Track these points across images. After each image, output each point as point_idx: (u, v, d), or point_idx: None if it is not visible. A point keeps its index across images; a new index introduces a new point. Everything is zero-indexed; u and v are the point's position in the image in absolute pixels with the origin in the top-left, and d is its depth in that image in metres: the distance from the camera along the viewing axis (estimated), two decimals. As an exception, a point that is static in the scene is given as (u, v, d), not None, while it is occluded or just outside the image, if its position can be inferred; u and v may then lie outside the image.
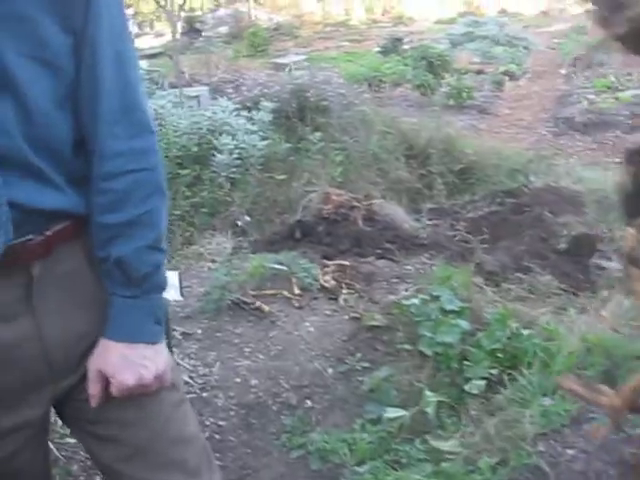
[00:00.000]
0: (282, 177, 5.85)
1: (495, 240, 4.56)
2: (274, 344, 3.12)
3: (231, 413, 2.78)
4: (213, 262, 4.03)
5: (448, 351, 2.91)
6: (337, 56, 15.20)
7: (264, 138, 6.03)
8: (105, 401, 1.26)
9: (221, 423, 2.73)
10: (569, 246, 4.44)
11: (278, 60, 13.09)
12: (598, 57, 13.48)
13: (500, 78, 12.22)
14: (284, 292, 3.43)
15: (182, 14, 13.56)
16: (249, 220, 5.25)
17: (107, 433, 1.31)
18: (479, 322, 3.10)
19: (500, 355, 2.87)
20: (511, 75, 12.70)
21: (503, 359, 2.86)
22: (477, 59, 14.18)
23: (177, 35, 10.25)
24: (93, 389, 1.26)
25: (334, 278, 3.62)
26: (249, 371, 2.96)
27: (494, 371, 2.81)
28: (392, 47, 13.82)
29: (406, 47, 13.81)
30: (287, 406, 2.84)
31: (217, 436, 2.67)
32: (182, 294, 3.25)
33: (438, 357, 2.92)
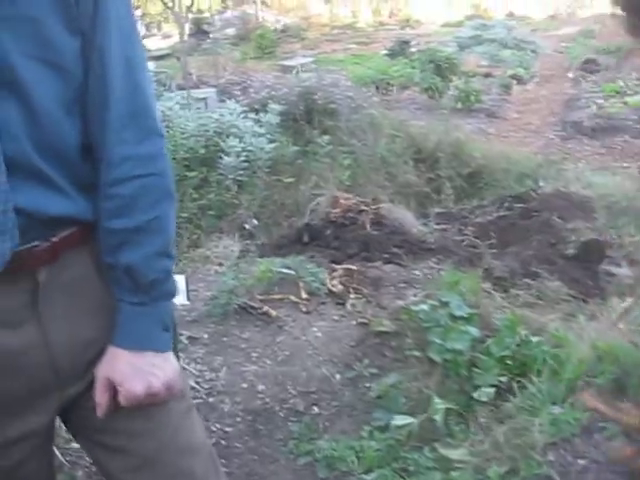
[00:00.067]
0: (290, 180, 5.83)
1: (503, 245, 4.53)
2: (281, 349, 3.10)
3: (237, 419, 2.75)
4: (220, 265, 4.01)
5: (457, 358, 2.89)
6: (344, 58, 15.21)
7: (272, 141, 6.01)
8: (112, 410, 1.24)
9: (227, 429, 2.71)
10: (578, 252, 4.41)
11: (285, 62, 13.10)
12: (606, 61, 13.46)
13: (508, 81, 12.20)
14: (291, 297, 3.41)
15: (189, 16, 13.59)
16: (257, 223, 5.23)
17: (115, 443, 1.28)
18: (488, 328, 3.08)
19: (509, 362, 2.84)
20: (519, 79, 12.67)
21: (512, 366, 2.83)
22: (485, 62, 14.17)
23: (185, 37, 10.25)
24: (100, 398, 1.23)
25: (342, 283, 3.59)
26: (256, 376, 2.94)
27: (503, 378, 2.78)
28: (399, 50, 13.81)
29: (413, 50, 13.80)
30: (294, 412, 2.82)
31: (223, 442, 2.65)
32: (189, 298, 3.24)
33: (447, 364, 2.90)
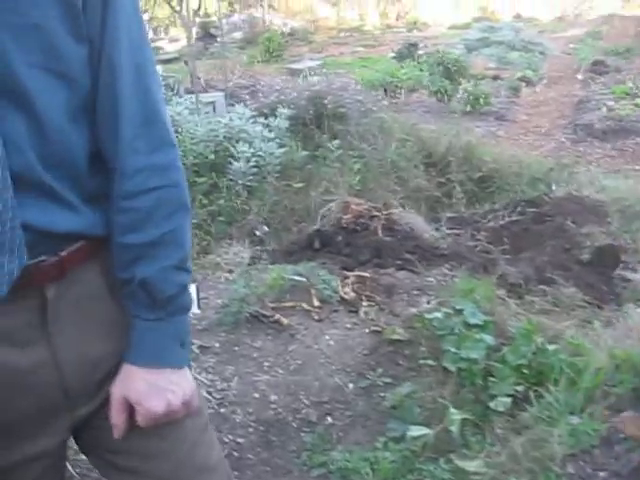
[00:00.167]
0: (300, 185, 5.79)
1: (517, 250, 4.48)
2: (293, 358, 3.07)
3: (250, 430, 2.71)
4: (230, 272, 3.98)
5: (472, 367, 2.84)
6: (352, 61, 15.19)
7: (281, 145, 5.98)
8: (129, 431, 1.19)
9: (240, 440, 2.67)
10: (593, 257, 4.35)
11: (293, 65, 13.09)
12: (615, 63, 13.40)
13: (517, 84, 12.13)
14: (303, 304, 3.38)
15: (197, 19, 13.59)
16: (267, 230, 5.19)
17: (128, 464, 1.24)
18: (503, 336, 3.04)
19: (526, 371, 2.80)
20: (527, 81, 12.60)
21: (529, 375, 2.79)
22: (493, 64, 14.12)
23: (192, 40, 10.24)
24: (117, 419, 1.19)
25: (354, 290, 3.55)
26: (268, 386, 2.90)
27: (520, 388, 2.74)
28: (407, 52, 13.75)
29: (421, 52, 13.75)
30: (307, 423, 2.78)
31: (235, 454, 2.61)
32: (199, 306, 3.20)
33: (462, 373, 2.86)
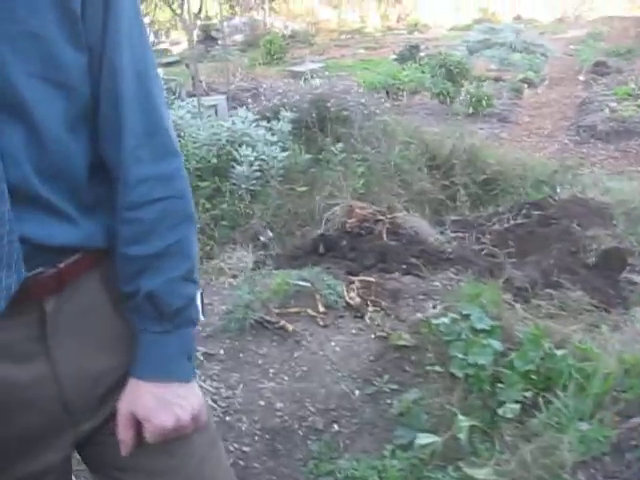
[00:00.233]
0: (303, 189, 5.77)
1: (522, 254, 4.45)
2: (299, 365, 3.03)
3: (255, 438, 2.68)
4: (234, 277, 3.93)
5: (480, 373, 2.81)
6: (353, 64, 15.19)
7: (284, 149, 5.95)
8: (136, 447, 1.16)
9: (245, 449, 2.63)
10: (599, 260, 4.32)
11: (295, 68, 13.09)
12: (616, 64, 13.38)
13: (519, 85, 12.12)
14: (308, 310, 3.33)
15: (198, 22, 13.58)
16: (271, 235, 5.16)
17: None
18: (511, 341, 3.00)
19: (534, 377, 2.76)
20: (529, 82, 12.59)
21: (537, 381, 2.75)
22: (494, 66, 14.10)
23: (193, 43, 10.22)
24: (124, 435, 1.15)
25: (359, 295, 3.51)
26: (274, 393, 2.86)
27: (528, 394, 2.70)
28: (409, 54, 13.74)
29: (422, 54, 13.74)
30: (313, 430, 2.74)
31: (241, 462, 2.57)
32: (204, 313, 3.15)
33: (469, 379, 2.82)
